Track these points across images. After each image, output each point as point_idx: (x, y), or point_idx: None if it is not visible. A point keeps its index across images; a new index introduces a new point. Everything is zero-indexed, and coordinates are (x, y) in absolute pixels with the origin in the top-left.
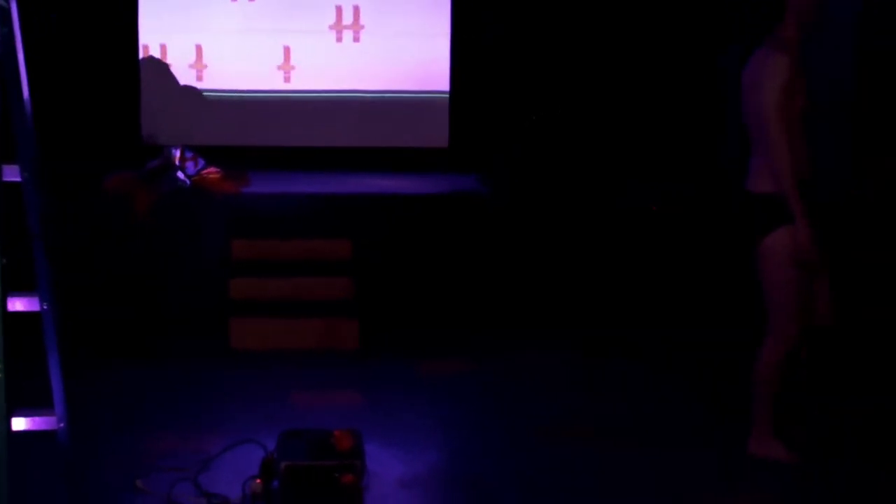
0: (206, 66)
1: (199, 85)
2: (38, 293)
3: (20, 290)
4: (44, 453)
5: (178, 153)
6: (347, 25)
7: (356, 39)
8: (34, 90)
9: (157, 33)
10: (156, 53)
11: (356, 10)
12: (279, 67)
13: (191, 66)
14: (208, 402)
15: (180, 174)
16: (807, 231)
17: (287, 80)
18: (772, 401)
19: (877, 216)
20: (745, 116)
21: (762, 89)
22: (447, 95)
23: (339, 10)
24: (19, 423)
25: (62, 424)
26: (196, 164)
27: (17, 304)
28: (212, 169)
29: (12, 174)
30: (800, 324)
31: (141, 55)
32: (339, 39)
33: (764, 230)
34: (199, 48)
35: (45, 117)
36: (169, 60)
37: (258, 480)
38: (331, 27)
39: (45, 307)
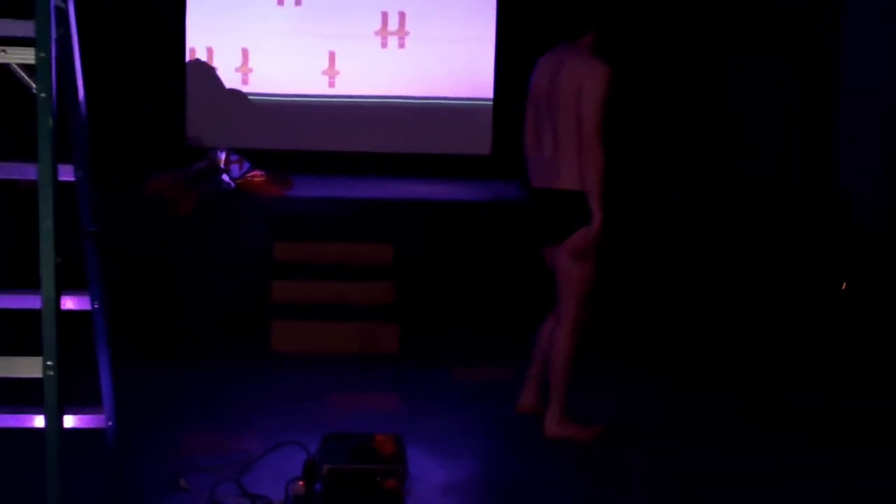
0: (251, 70)
1: (244, 88)
2: (89, 292)
3: (70, 289)
4: (87, 450)
5: (223, 156)
6: (393, 31)
7: (401, 45)
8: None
9: (203, 36)
10: (202, 56)
11: (402, 16)
12: (324, 72)
13: (237, 70)
14: (249, 403)
15: (225, 177)
16: (599, 226)
17: (332, 84)
18: (567, 383)
19: None
20: (551, 116)
21: (589, 97)
22: (491, 103)
23: (384, 15)
24: (69, 421)
25: (110, 423)
26: (241, 167)
27: (68, 303)
28: (256, 172)
29: (66, 174)
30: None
31: (188, 58)
32: (384, 45)
33: (571, 225)
34: (245, 52)
35: (92, 118)
36: (215, 63)
37: (301, 483)
38: (376, 33)
39: (96, 306)
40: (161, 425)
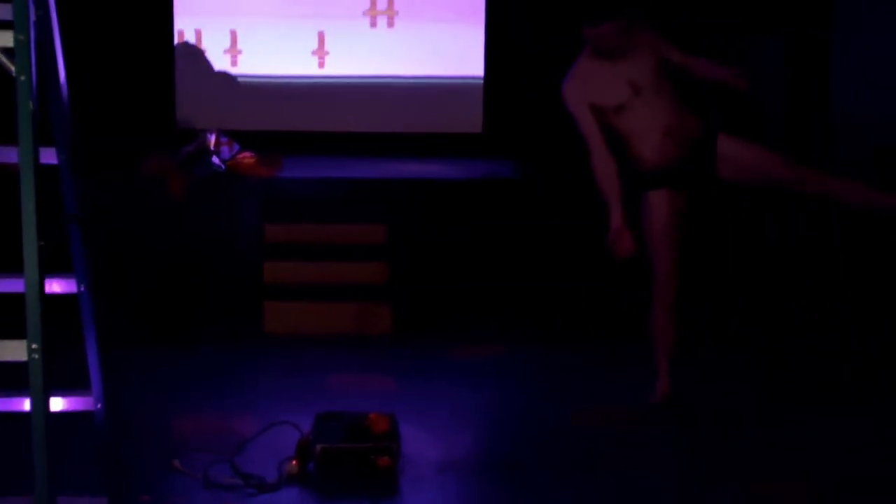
0: (240, 52)
1: (233, 70)
2: (75, 275)
3: (57, 272)
4: (82, 433)
5: (213, 138)
6: (382, 11)
7: (390, 25)
8: (72, 75)
9: (192, 18)
10: (191, 38)
11: None
12: (313, 53)
13: (226, 52)
14: (243, 384)
15: (215, 159)
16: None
17: (321, 65)
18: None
19: None
20: None
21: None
22: (481, 80)
23: None
24: (57, 404)
25: (99, 405)
26: (231, 149)
27: (54, 286)
28: (246, 153)
29: (48, 157)
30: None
31: (176, 40)
32: (373, 25)
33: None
34: (233, 33)
35: (82, 102)
36: (204, 46)
37: (294, 462)
38: (365, 12)
39: (82, 289)
40: (154, 407)
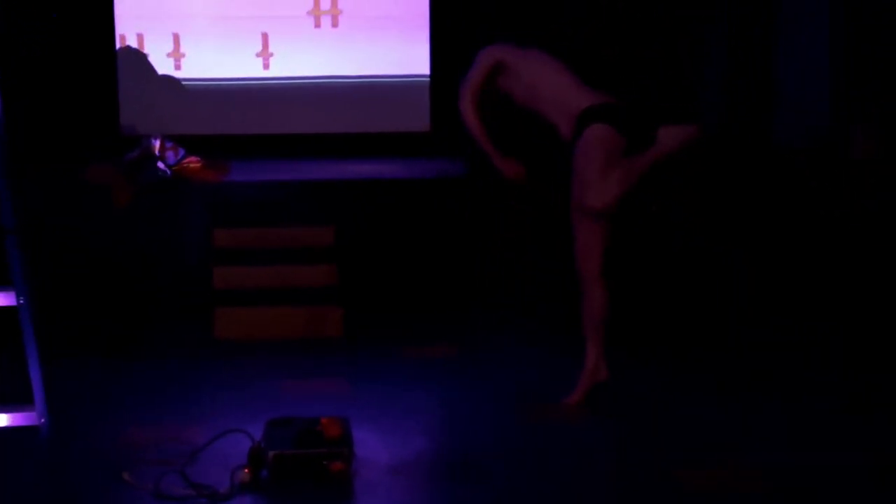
0: (183, 55)
1: (177, 74)
2: (13, 287)
3: None
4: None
5: (157, 143)
6: (325, 10)
7: (335, 25)
8: (10, 84)
9: (133, 22)
10: (133, 43)
11: None
12: (258, 54)
13: (168, 55)
14: (193, 393)
15: (160, 164)
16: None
17: (266, 66)
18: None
19: None
20: None
21: None
22: (428, 79)
23: None
24: (1, 420)
25: (43, 420)
26: (176, 154)
27: None
28: (192, 158)
29: None
30: None
31: (118, 45)
32: (317, 25)
33: None
34: (176, 37)
35: (22, 110)
36: (146, 50)
37: (246, 470)
38: (309, 12)
39: (21, 301)
40: (103, 419)
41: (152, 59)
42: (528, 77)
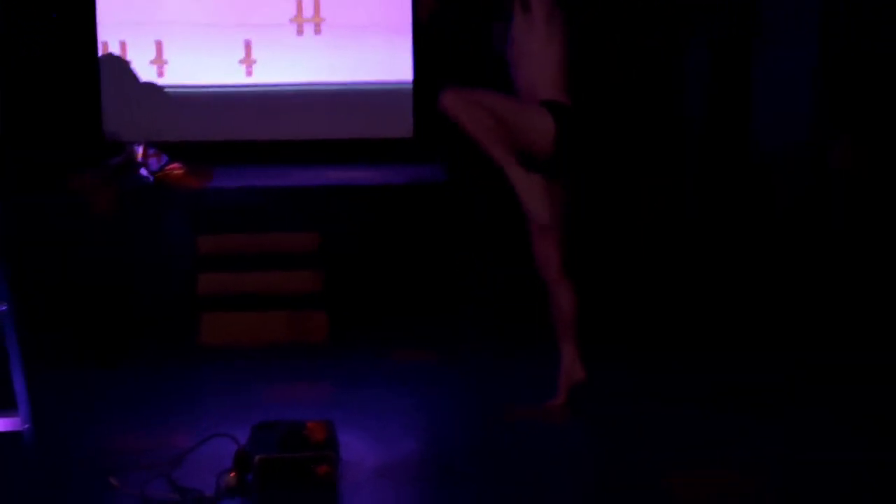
0: (166, 62)
1: (160, 81)
2: None
3: None
4: (12, 453)
5: (140, 150)
6: (308, 18)
7: (317, 32)
8: None
9: (116, 29)
10: (115, 50)
11: (316, 2)
12: (241, 61)
13: (151, 62)
14: (179, 398)
15: (143, 171)
16: None
17: (249, 73)
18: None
19: None
20: None
21: None
22: (411, 85)
23: (299, 2)
24: None
25: (27, 425)
26: (159, 161)
27: None
28: (175, 165)
29: None
30: None
31: (100, 52)
32: (300, 32)
33: None
34: (158, 44)
35: (3, 119)
36: (129, 57)
37: (232, 474)
38: (291, 20)
39: (3, 308)
40: (90, 425)
41: (135, 67)
42: (537, 37)
